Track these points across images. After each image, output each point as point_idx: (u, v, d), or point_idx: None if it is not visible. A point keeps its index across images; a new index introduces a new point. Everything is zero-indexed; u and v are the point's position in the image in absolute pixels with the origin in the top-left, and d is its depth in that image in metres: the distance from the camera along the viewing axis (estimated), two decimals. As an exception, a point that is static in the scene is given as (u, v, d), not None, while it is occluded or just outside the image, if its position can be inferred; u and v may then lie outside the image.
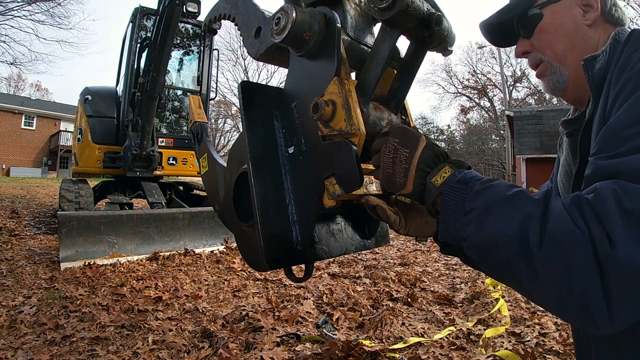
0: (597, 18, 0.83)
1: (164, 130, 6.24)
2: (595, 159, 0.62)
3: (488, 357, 2.09)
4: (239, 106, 0.97)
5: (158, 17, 4.62)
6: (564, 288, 0.52)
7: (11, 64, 15.72)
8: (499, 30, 0.93)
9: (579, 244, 0.51)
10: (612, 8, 0.84)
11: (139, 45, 5.53)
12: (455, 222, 0.64)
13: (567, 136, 0.90)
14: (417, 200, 0.73)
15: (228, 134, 38.36)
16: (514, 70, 35.85)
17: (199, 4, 4.55)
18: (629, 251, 0.49)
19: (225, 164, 1.22)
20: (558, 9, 0.84)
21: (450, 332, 2.45)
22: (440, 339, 2.34)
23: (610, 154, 0.59)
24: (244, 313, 2.66)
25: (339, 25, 0.82)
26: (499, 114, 35.57)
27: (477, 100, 42.14)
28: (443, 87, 43.58)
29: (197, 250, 4.39)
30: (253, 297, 3.12)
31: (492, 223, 0.58)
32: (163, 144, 5.94)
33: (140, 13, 5.71)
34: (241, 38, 1.06)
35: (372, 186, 0.89)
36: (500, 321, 2.64)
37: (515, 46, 0.94)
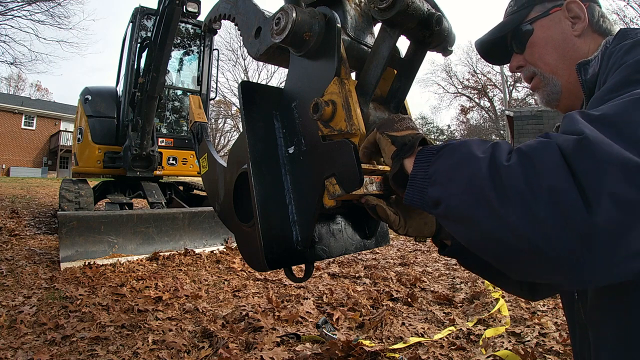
0: (585, 28, 0.86)
1: (164, 130, 6.24)
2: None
3: (488, 357, 2.09)
4: (239, 106, 0.97)
5: (158, 17, 4.62)
6: (530, 192, 0.46)
7: (11, 64, 15.74)
8: (494, 48, 0.98)
9: (543, 145, 0.48)
10: (599, 19, 0.87)
11: (139, 45, 5.53)
12: (424, 167, 0.62)
13: None
14: (396, 145, 0.72)
15: (228, 134, 38.38)
16: (514, 70, 35.72)
17: (199, 4, 4.55)
18: (598, 137, 0.45)
19: (225, 164, 1.22)
20: (547, 22, 0.89)
21: (450, 332, 2.45)
22: (440, 339, 2.34)
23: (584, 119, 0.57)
24: (244, 313, 2.66)
25: (339, 25, 0.82)
26: (499, 114, 35.57)
27: (477, 100, 42.14)
28: (443, 87, 43.58)
29: (197, 250, 4.39)
30: (253, 297, 3.12)
31: (461, 154, 0.56)
32: (163, 144, 5.94)
33: (140, 13, 5.71)
34: (241, 38, 1.06)
35: (372, 186, 0.89)
36: (500, 321, 2.64)
37: (509, 62, 0.99)
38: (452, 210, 0.56)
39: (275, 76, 34.60)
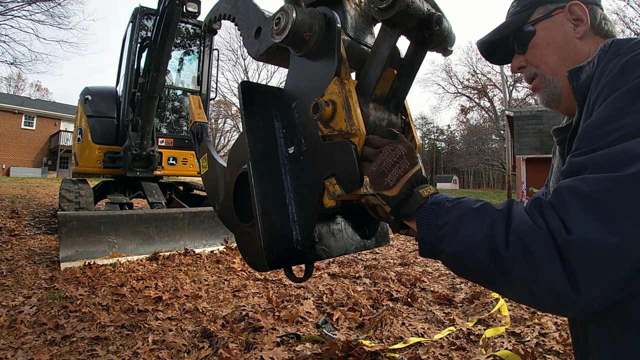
0: (587, 31, 0.86)
1: (164, 130, 6.24)
2: (569, 157, 0.67)
3: (488, 357, 2.09)
4: (239, 106, 0.97)
5: (158, 17, 4.62)
6: (532, 281, 0.57)
7: (11, 64, 15.73)
8: (496, 48, 0.99)
9: (540, 239, 0.56)
10: (601, 21, 0.88)
11: (139, 45, 5.53)
12: (430, 238, 0.70)
13: (557, 144, 0.95)
14: (390, 205, 0.76)
15: (228, 134, 38.40)
16: (514, 70, 35.74)
17: (199, 4, 4.55)
18: (585, 231, 0.53)
19: (225, 164, 1.22)
20: (549, 24, 0.89)
21: (450, 332, 2.45)
22: (440, 339, 2.34)
23: (582, 151, 0.64)
24: (244, 313, 2.66)
25: (339, 25, 0.82)
26: (499, 114, 35.56)
27: (477, 100, 42.16)
28: (443, 87, 43.61)
29: (197, 250, 4.39)
30: (253, 297, 3.12)
31: (463, 232, 0.64)
32: (163, 144, 5.93)
33: (140, 13, 5.70)
34: (241, 38, 1.06)
35: None
36: (500, 321, 2.64)
37: (510, 63, 0.99)
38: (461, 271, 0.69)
39: (275, 76, 34.66)
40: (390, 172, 0.76)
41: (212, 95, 6.60)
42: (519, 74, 1.00)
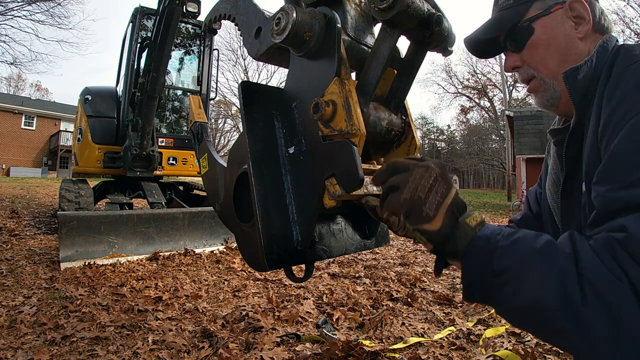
0: (589, 30, 0.81)
1: (164, 130, 6.24)
2: (605, 191, 0.59)
3: (488, 357, 2.09)
4: (239, 106, 0.97)
5: (158, 17, 4.62)
6: (616, 341, 0.49)
7: (11, 64, 15.74)
8: (484, 43, 0.91)
9: (621, 294, 0.49)
10: (601, 18, 0.82)
11: (139, 45, 5.53)
12: (483, 284, 0.59)
13: (554, 144, 0.91)
14: (434, 242, 0.63)
15: (228, 134, 38.40)
16: (514, 70, 35.78)
17: (199, 4, 4.55)
18: None
19: (225, 164, 1.22)
20: (549, 22, 0.82)
21: (450, 332, 2.45)
22: (440, 339, 2.34)
23: (620, 185, 0.56)
24: (244, 313, 2.66)
25: (339, 25, 0.82)
26: (499, 114, 35.56)
27: (477, 100, 42.16)
28: (443, 87, 43.62)
29: (197, 250, 4.39)
30: (253, 297, 3.12)
31: (529, 284, 0.54)
32: (163, 144, 5.93)
33: (140, 13, 5.70)
34: (241, 38, 1.06)
35: (373, 187, 0.89)
36: (500, 321, 2.64)
37: (501, 56, 0.95)
38: (515, 320, 0.62)
39: (275, 76, 34.66)
40: (427, 199, 0.61)
41: (212, 95, 6.60)
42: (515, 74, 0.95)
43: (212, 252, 4.48)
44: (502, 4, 0.88)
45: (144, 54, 5.22)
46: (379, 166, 0.92)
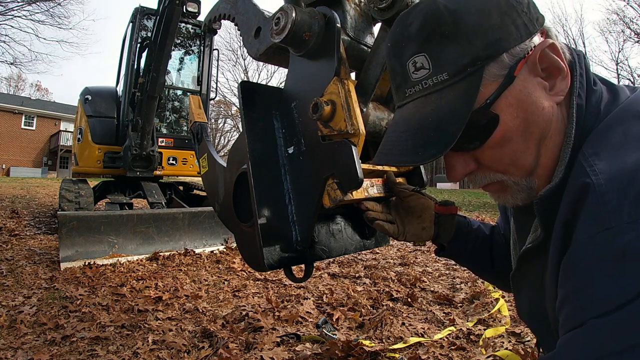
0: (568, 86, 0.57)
1: (164, 130, 6.24)
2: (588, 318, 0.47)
3: (488, 357, 2.09)
4: (239, 106, 0.97)
5: (158, 17, 4.62)
6: None
7: (11, 64, 15.77)
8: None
9: None
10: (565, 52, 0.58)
11: (139, 45, 5.53)
12: None
13: (512, 215, 0.79)
14: None
15: (228, 134, 38.40)
16: (514, 70, 35.85)
17: (199, 4, 4.55)
18: None
19: (225, 164, 1.22)
20: (518, 94, 0.54)
21: (450, 332, 2.45)
22: (440, 339, 2.34)
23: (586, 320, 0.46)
24: (244, 313, 2.66)
25: (338, 25, 0.82)
26: (499, 114, 35.54)
27: (477, 100, 42.19)
28: (443, 87, 43.59)
29: (197, 250, 4.39)
30: (253, 297, 3.12)
31: None
32: (163, 144, 5.93)
33: (140, 13, 5.71)
34: (241, 38, 1.06)
35: (374, 189, 0.89)
36: (500, 321, 2.64)
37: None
38: None
39: (275, 76, 34.64)
40: None
41: (212, 95, 6.60)
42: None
43: (212, 252, 4.48)
44: (424, 83, 0.55)
45: (144, 54, 5.22)
46: (379, 166, 0.92)
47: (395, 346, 2.23)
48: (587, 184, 0.49)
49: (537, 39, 0.55)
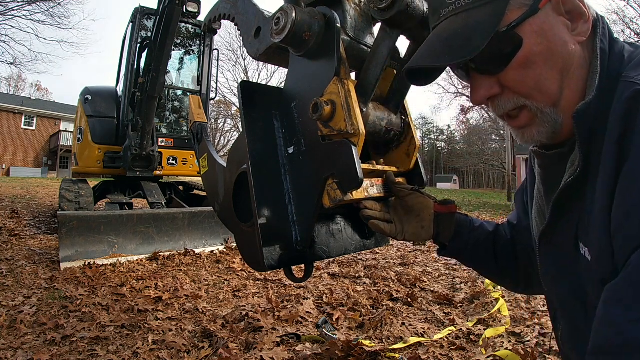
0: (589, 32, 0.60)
1: (164, 130, 6.24)
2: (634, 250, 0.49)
3: (488, 357, 2.09)
4: (239, 106, 0.97)
5: (158, 17, 4.62)
6: None
7: (11, 64, 15.75)
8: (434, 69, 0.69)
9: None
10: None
11: (139, 45, 5.53)
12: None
13: (539, 167, 0.76)
14: None
15: (228, 134, 38.41)
16: (514, 70, 35.87)
17: (199, 4, 4.55)
18: None
19: (225, 164, 1.22)
20: (542, 25, 0.58)
21: (450, 332, 2.45)
22: (440, 339, 2.34)
23: None
24: (244, 313, 2.66)
25: (338, 25, 0.82)
26: (499, 114, 35.52)
27: (477, 100, 42.16)
28: (443, 87, 43.54)
29: (197, 250, 4.39)
30: (253, 297, 3.12)
31: None
32: (163, 144, 5.93)
33: (140, 13, 5.70)
34: (241, 38, 1.06)
35: (374, 189, 0.89)
36: (500, 321, 2.64)
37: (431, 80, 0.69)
38: None
39: (275, 76, 34.64)
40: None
41: (212, 95, 6.60)
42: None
43: (212, 252, 4.48)
44: (457, 3, 0.60)
45: (144, 54, 5.22)
46: (379, 166, 0.92)
47: (395, 346, 2.23)
48: (638, 90, 0.52)
49: None
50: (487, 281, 3.47)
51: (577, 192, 0.62)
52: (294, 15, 0.81)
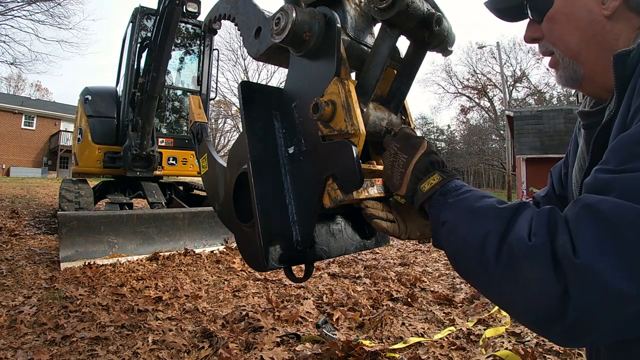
0: (619, 7, 0.70)
1: (164, 130, 6.24)
2: (596, 170, 0.58)
3: (488, 357, 2.09)
4: (239, 106, 0.97)
5: (158, 17, 4.62)
6: (521, 296, 0.53)
7: (11, 64, 15.73)
8: (512, 7, 0.84)
9: (536, 252, 0.51)
10: None
11: (139, 45, 5.53)
12: (435, 233, 0.69)
13: (583, 128, 0.82)
14: (410, 202, 0.77)
15: (228, 134, 38.40)
16: (514, 70, 35.88)
17: (199, 4, 4.55)
18: (594, 263, 0.46)
19: (225, 164, 1.22)
20: None
21: (450, 332, 2.45)
22: (440, 339, 2.34)
23: (612, 168, 0.55)
24: (244, 313, 2.66)
25: (339, 25, 0.82)
26: (499, 114, 35.58)
27: (477, 100, 42.17)
28: (443, 87, 43.61)
29: (197, 250, 4.39)
30: (253, 297, 3.12)
31: (458, 235, 0.62)
32: (163, 144, 5.93)
33: (140, 13, 5.71)
34: (241, 38, 1.06)
35: (374, 189, 0.89)
36: (500, 321, 2.64)
37: (524, 24, 0.84)
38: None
39: (275, 76, 34.64)
40: (393, 173, 0.77)
41: (212, 95, 6.60)
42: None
43: (212, 252, 4.48)
44: None
45: (144, 54, 5.23)
46: (379, 166, 0.92)
47: (395, 346, 2.23)
48: None
49: None
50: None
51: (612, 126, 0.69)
52: (294, 15, 0.81)
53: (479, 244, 0.57)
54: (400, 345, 2.24)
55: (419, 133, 0.95)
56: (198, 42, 6.44)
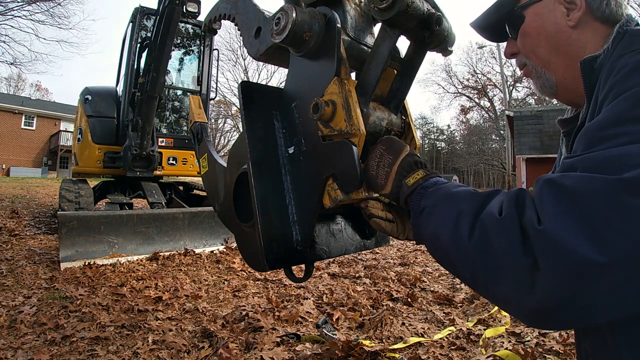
0: (582, 17, 0.75)
1: (164, 130, 6.24)
2: (564, 158, 0.62)
3: (488, 357, 2.09)
4: (239, 106, 0.97)
5: (158, 17, 4.62)
6: (492, 273, 0.53)
7: (11, 64, 15.73)
8: (493, 27, 0.90)
9: (504, 225, 0.52)
10: (602, 4, 0.75)
11: (139, 45, 5.53)
12: (415, 222, 0.71)
13: (563, 135, 0.88)
14: (393, 200, 0.79)
15: (228, 134, 38.40)
16: (514, 70, 35.84)
17: (199, 4, 4.55)
18: (556, 226, 0.48)
19: (225, 164, 1.22)
20: (539, 9, 0.80)
21: (450, 332, 2.45)
22: (440, 339, 2.34)
23: (577, 153, 0.58)
24: (244, 313, 2.66)
25: (339, 25, 0.82)
26: (499, 114, 35.59)
27: (477, 100, 42.18)
28: (443, 87, 43.62)
29: (197, 250, 4.39)
30: (253, 297, 3.12)
31: (434, 219, 0.65)
32: (163, 144, 5.93)
33: (140, 13, 5.70)
34: (241, 38, 1.06)
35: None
36: (500, 321, 2.64)
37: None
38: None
39: (275, 76, 34.63)
40: (378, 173, 0.79)
41: (212, 95, 6.60)
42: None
43: (212, 252, 4.48)
44: None
45: (144, 54, 5.22)
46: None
47: (395, 346, 2.23)
48: (624, 31, 0.70)
49: None
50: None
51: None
52: (294, 15, 0.81)
53: (453, 222, 0.59)
54: (400, 345, 2.24)
55: (419, 133, 0.96)
56: (198, 42, 6.44)
